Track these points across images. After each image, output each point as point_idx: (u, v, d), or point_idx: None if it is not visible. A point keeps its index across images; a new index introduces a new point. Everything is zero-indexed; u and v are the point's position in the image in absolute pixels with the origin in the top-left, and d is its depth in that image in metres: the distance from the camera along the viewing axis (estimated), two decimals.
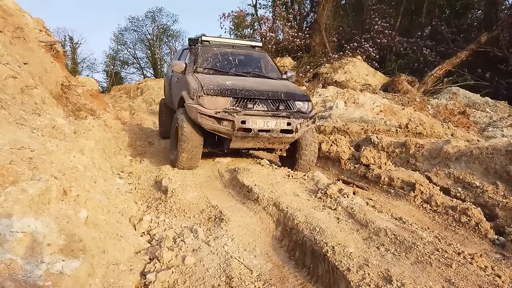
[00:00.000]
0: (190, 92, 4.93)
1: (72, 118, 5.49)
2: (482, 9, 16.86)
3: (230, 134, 4.66)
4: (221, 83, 4.87)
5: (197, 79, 5.07)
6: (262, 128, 4.69)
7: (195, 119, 4.71)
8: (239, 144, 4.92)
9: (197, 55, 5.93)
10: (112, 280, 2.35)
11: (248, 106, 4.69)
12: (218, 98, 4.66)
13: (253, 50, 6.64)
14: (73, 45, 32.24)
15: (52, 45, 7.41)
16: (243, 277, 2.62)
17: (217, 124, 4.62)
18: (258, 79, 5.66)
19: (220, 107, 4.62)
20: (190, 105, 4.80)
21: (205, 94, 4.67)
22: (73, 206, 2.61)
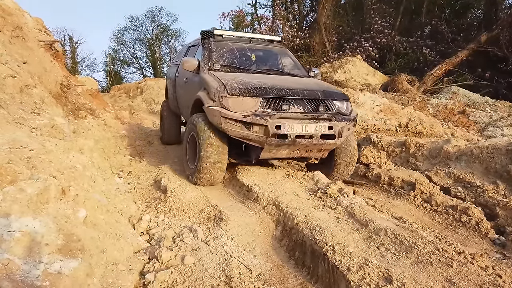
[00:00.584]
0: (210, 92, 4.23)
1: (72, 117, 5.47)
2: (482, 9, 16.85)
3: (261, 141, 3.94)
4: (246, 81, 4.19)
5: (216, 77, 4.41)
6: (300, 134, 3.97)
7: (218, 125, 4.00)
8: (271, 154, 4.18)
9: (211, 50, 5.23)
10: (111, 280, 2.34)
11: (283, 108, 4.01)
12: (245, 99, 3.95)
13: (272, 45, 5.97)
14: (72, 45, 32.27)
15: (52, 44, 7.39)
16: (242, 277, 2.61)
17: (246, 130, 3.90)
18: (284, 77, 5.01)
19: (248, 110, 3.93)
20: (211, 108, 4.09)
21: (229, 94, 3.97)
22: (71, 205, 2.60)
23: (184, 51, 6.87)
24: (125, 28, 36.51)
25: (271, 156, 4.26)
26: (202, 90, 4.49)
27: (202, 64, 5.02)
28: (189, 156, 4.71)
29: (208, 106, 4.15)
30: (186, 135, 4.76)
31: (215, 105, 4.08)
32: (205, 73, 4.77)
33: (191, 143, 4.64)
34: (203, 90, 4.48)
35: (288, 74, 5.35)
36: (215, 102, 4.09)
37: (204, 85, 4.48)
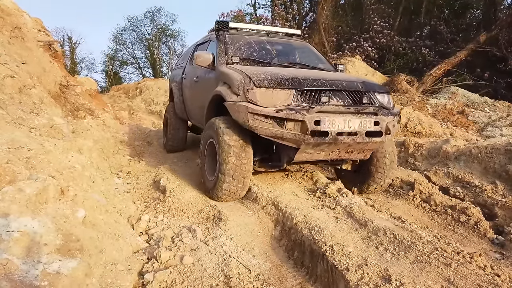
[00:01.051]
0: (232, 86, 3.72)
1: (71, 117, 5.48)
2: (481, 9, 16.86)
3: (298, 140, 3.40)
4: (274, 72, 3.73)
5: (237, 69, 3.95)
6: (342, 131, 3.45)
7: (244, 123, 3.50)
8: (307, 155, 3.62)
9: (226, 43, 4.76)
10: (110, 280, 2.34)
11: (322, 100, 3.50)
12: (275, 92, 3.46)
13: (292, 39, 5.53)
14: (72, 45, 32.26)
15: (51, 44, 7.39)
16: (241, 277, 2.61)
17: (278, 128, 3.38)
18: (312, 71, 4.47)
19: (279, 104, 3.44)
20: (235, 104, 3.59)
21: (256, 86, 3.47)
22: (70, 205, 2.60)
23: (191, 51, 6.40)
24: (124, 29, 36.58)
25: (306, 159, 3.71)
26: (222, 84, 4.02)
27: (218, 58, 4.55)
28: (207, 166, 4.17)
29: (231, 101, 3.65)
30: (204, 141, 4.21)
31: (240, 99, 3.58)
32: (222, 66, 4.33)
33: (209, 151, 4.15)
34: (222, 84, 4.01)
35: (314, 68, 4.80)
36: (239, 96, 3.60)
37: (224, 79, 4.02)
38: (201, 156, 4.33)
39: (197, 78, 5.19)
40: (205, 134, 4.17)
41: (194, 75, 5.38)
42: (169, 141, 6.52)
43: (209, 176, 4.05)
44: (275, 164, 4.05)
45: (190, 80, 5.67)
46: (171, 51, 35.89)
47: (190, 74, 5.71)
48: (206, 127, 4.16)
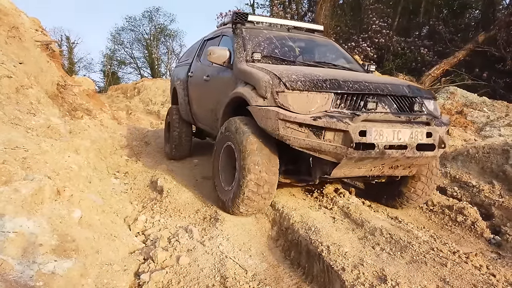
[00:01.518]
0: (258, 87, 3.25)
1: (68, 118, 5.47)
2: (479, 9, 16.88)
3: (338, 154, 2.91)
4: (307, 72, 3.25)
5: (262, 68, 3.49)
6: (390, 143, 2.96)
7: (273, 131, 3.02)
8: (346, 171, 3.16)
9: (245, 38, 4.24)
10: (106, 280, 2.34)
11: (368, 107, 3.01)
12: (311, 95, 2.98)
13: (314, 35, 5.03)
14: (69, 45, 32.23)
15: (48, 44, 7.38)
16: (237, 277, 2.61)
17: (315, 138, 2.90)
18: (343, 71, 3.98)
19: (315, 110, 2.96)
20: (261, 109, 3.12)
21: (288, 88, 3.01)
22: (66, 206, 2.60)
23: (197, 47, 5.86)
24: (123, 28, 36.54)
25: (344, 175, 3.24)
26: (243, 85, 3.57)
27: (237, 54, 4.02)
28: (222, 174, 3.72)
29: (257, 105, 3.19)
30: (219, 146, 3.74)
31: (268, 104, 3.11)
32: (242, 64, 3.83)
33: (226, 157, 3.69)
34: (244, 85, 3.56)
35: (343, 69, 4.29)
36: (266, 100, 3.13)
37: (246, 78, 3.57)
38: (214, 163, 3.85)
39: (207, 77, 4.70)
40: (221, 138, 3.67)
41: (203, 73, 4.89)
42: (173, 147, 5.88)
43: (225, 186, 3.59)
44: (304, 178, 3.54)
45: (198, 79, 5.16)
46: (170, 51, 35.93)
47: (198, 72, 5.22)
48: (223, 128, 3.67)
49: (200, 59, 5.46)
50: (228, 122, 3.58)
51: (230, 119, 3.58)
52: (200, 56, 5.51)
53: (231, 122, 3.53)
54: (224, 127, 3.64)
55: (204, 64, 5.09)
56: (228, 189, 3.51)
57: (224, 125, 3.65)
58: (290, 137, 2.95)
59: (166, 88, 14.50)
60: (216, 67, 4.34)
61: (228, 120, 3.60)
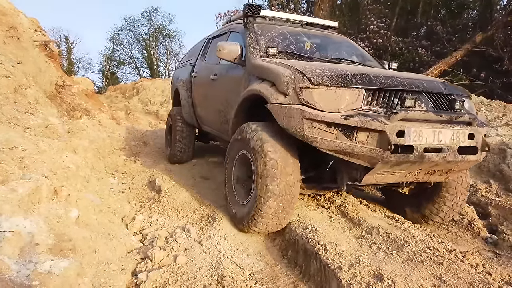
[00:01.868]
0: (278, 83, 2.92)
1: (66, 117, 5.48)
2: (477, 9, 16.92)
3: (373, 158, 2.57)
4: (333, 67, 3.00)
5: (281, 63, 3.18)
6: (430, 145, 2.63)
7: (297, 131, 2.69)
8: (380, 177, 2.83)
9: (257, 33, 3.95)
10: (103, 280, 2.34)
11: (406, 104, 2.69)
12: (339, 91, 2.67)
13: (329, 32, 4.74)
14: (68, 45, 32.26)
15: (47, 44, 7.38)
16: (235, 276, 2.62)
17: (345, 140, 2.58)
18: (367, 67, 3.75)
19: (344, 108, 2.65)
20: (283, 107, 2.80)
21: (313, 83, 2.69)
22: (64, 205, 2.61)
23: (201, 46, 5.62)
24: (122, 29, 36.57)
25: (376, 181, 2.91)
26: (259, 82, 3.25)
27: (250, 49, 3.73)
28: (236, 186, 3.39)
29: (277, 103, 2.86)
30: (232, 154, 3.40)
31: (290, 101, 2.79)
32: (257, 59, 3.53)
33: (240, 166, 3.34)
34: (260, 82, 3.23)
35: (363, 65, 3.97)
36: (288, 97, 2.81)
37: (263, 74, 3.25)
38: (227, 172, 3.50)
39: (215, 76, 4.41)
40: (235, 145, 3.33)
41: (210, 72, 4.61)
42: (175, 152, 5.56)
43: (239, 199, 3.26)
44: (328, 186, 3.25)
45: (203, 79, 4.88)
46: (169, 51, 35.99)
47: (204, 71, 4.97)
48: (236, 135, 3.30)
49: (205, 58, 5.26)
50: (243, 127, 3.21)
51: (245, 125, 3.21)
52: (205, 55, 5.32)
53: (246, 127, 3.16)
54: (238, 134, 3.27)
55: (210, 63, 4.90)
56: (243, 203, 3.16)
57: (238, 131, 3.28)
58: (317, 138, 2.62)
59: (165, 88, 14.51)
60: (225, 64, 4.09)
61: (243, 126, 3.24)
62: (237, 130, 3.32)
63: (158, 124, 10.17)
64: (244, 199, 3.18)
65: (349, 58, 4.15)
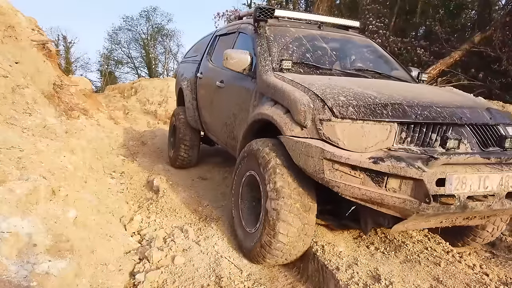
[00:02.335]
0: (295, 111, 2.50)
1: (64, 117, 5.47)
2: (476, 10, 16.94)
3: (407, 210, 2.15)
4: (358, 92, 2.51)
5: (297, 83, 2.72)
6: (475, 193, 2.19)
7: (315, 173, 2.30)
8: (413, 225, 2.43)
9: (269, 40, 3.49)
10: (101, 281, 2.35)
11: (449, 145, 2.20)
12: (367, 126, 2.25)
13: (349, 33, 4.21)
14: (66, 44, 32.12)
15: (45, 44, 7.37)
16: (232, 277, 2.62)
17: (374, 186, 2.17)
18: (394, 83, 3.26)
19: (373, 146, 2.23)
20: (299, 142, 2.40)
21: (336, 116, 2.30)
22: (61, 206, 2.61)
23: (207, 42, 5.10)
24: (120, 28, 36.42)
25: (407, 229, 2.68)
26: (271, 104, 2.83)
27: (261, 61, 3.25)
28: (244, 210, 3.02)
29: (293, 136, 2.47)
30: (239, 174, 3.04)
31: (308, 134, 2.41)
32: (269, 75, 3.07)
33: (248, 189, 2.99)
34: (272, 104, 2.81)
35: (392, 78, 3.55)
36: (306, 130, 2.42)
37: (276, 96, 2.80)
38: (233, 195, 3.14)
39: (222, 83, 3.96)
40: (242, 164, 3.00)
41: (216, 76, 4.17)
42: (178, 155, 5.18)
43: (247, 226, 2.90)
44: (347, 224, 2.88)
45: (209, 83, 4.43)
46: (167, 51, 35.91)
47: (210, 74, 4.52)
48: (243, 154, 2.98)
49: (211, 58, 4.76)
50: (252, 146, 2.86)
51: (253, 142, 2.88)
52: (211, 54, 4.82)
53: (254, 146, 2.81)
54: (245, 151, 2.95)
55: (216, 65, 4.41)
56: (250, 231, 2.81)
57: (246, 149, 2.94)
58: (339, 183, 2.22)
59: (163, 88, 14.48)
60: (234, 72, 3.59)
61: (251, 143, 2.90)
62: (245, 147, 2.97)
63: (157, 124, 10.16)
64: (252, 226, 2.80)
65: (374, 69, 3.66)
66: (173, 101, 12.99)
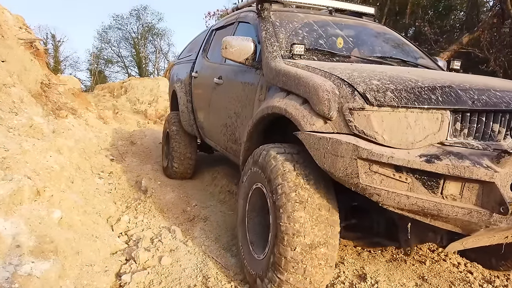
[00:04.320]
0: (316, 100, 1.99)
1: (52, 117, 5.41)
2: (464, 11, 17.15)
3: (473, 223, 1.66)
4: (393, 74, 2.07)
5: (313, 67, 2.26)
6: None
7: (347, 178, 1.80)
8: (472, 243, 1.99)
9: (275, 25, 3.04)
10: (86, 282, 2.33)
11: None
12: (412, 115, 1.79)
13: (363, 21, 3.78)
14: (55, 43, 31.78)
15: (32, 42, 7.27)
16: (219, 277, 2.62)
17: (426, 193, 1.69)
18: (424, 70, 2.91)
19: (423, 141, 1.76)
20: (323, 138, 1.89)
21: (371, 103, 1.81)
22: (46, 206, 2.58)
23: (202, 39, 4.72)
24: (110, 27, 36.15)
25: (465, 247, 2.09)
26: (283, 95, 2.35)
27: (268, 47, 2.81)
28: (250, 231, 2.51)
29: (314, 131, 1.94)
30: (244, 187, 2.55)
31: (334, 129, 1.89)
32: (278, 62, 2.60)
33: (255, 205, 2.49)
34: (285, 95, 2.33)
35: (419, 67, 3.12)
36: (331, 122, 1.91)
37: (290, 85, 2.29)
38: (238, 212, 2.67)
39: (219, 79, 3.55)
40: (248, 175, 2.48)
41: (213, 73, 3.77)
42: (172, 165, 4.70)
43: (254, 250, 2.40)
44: (380, 242, 2.41)
45: (205, 82, 4.05)
46: (158, 50, 35.75)
47: (206, 72, 4.14)
48: (249, 162, 2.48)
49: (207, 55, 4.38)
50: (259, 152, 2.34)
51: (261, 149, 2.33)
52: (206, 51, 4.43)
53: (262, 152, 2.29)
54: (252, 160, 2.43)
55: (213, 61, 4.05)
56: (259, 258, 2.30)
57: (252, 157, 2.43)
58: (380, 190, 1.71)
59: (154, 88, 14.42)
60: (233, 65, 3.25)
61: (258, 150, 2.37)
62: (251, 155, 2.47)
63: (147, 124, 10.11)
64: (261, 252, 2.29)
65: (397, 56, 3.20)
66: (164, 101, 12.96)
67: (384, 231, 2.29)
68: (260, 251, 2.33)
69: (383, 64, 2.90)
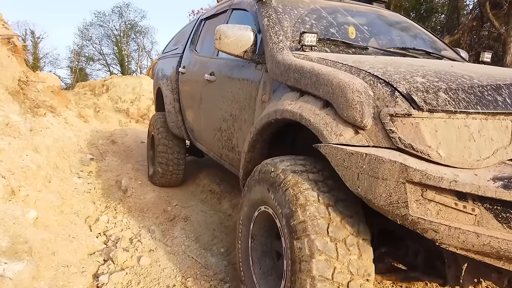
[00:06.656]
0: (344, 103, 1.53)
1: (30, 115, 5.30)
2: (445, 14, 17.49)
3: None
4: (439, 70, 1.66)
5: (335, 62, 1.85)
6: None
7: (391, 207, 1.32)
8: None
9: (278, 11, 2.59)
10: (62, 283, 2.28)
11: None
12: (475, 123, 1.36)
13: (375, 7, 3.33)
14: (34, 40, 31.13)
15: (10, 38, 7.10)
16: (199, 277, 2.60)
17: (499, 228, 1.22)
18: (455, 63, 2.38)
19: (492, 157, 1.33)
20: (356, 154, 1.42)
21: (421, 107, 1.37)
22: (21, 206, 2.53)
23: (190, 30, 4.25)
24: (91, 24, 35.61)
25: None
26: (296, 96, 1.91)
27: (272, 37, 2.36)
28: (256, 263, 2.04)
29: (342, 145, 1.50)
30: (247, 210, 2.06)
31: (370, 141, 1.47)
32: (287, 54, 2.15)
33: (261, 232, 2.03)
34: (298, 96, 1.90)
35: (445, 59, 2.71)
36: (364, 132, 1.49)
37: (305, 83, 1.85)
38: (240, 239, 2.16)
39: (212, 76, 3.10)
40: (251, 195, 2.00)
41: (203, 69, 3.34)
42: (158, 172, 4.23)
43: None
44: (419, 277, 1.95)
45: (195, 78, 3.59)
46: (140, 48, 35.39)
47: (195, 66, 3.68)
48: (252, 179, 1.99)
49: (195, 47, 3.93)
50: (265, 167, 1.87)
51: (268, 163, 1.87)
52: (195, 43, 3.98)
53: (269, 167, 1.82)
54: (256, 176, 1.95)
55: (203, 54, 3.61)
56: None
57: (256, 173, 1.95)
58: (437, 225, 1.28)
59: (136, 86, 14.25)
60: (227, 59, 2.86)
61: (264, 164, 1.91)
62: (255, 170, 1.99)
63: (129, 123, 10.00)
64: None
65: (421, 48, 2.78)
66: (146, 99, 12.83)
67: (423, 264, 1.82)
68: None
69: (407, 56, 2.50)
